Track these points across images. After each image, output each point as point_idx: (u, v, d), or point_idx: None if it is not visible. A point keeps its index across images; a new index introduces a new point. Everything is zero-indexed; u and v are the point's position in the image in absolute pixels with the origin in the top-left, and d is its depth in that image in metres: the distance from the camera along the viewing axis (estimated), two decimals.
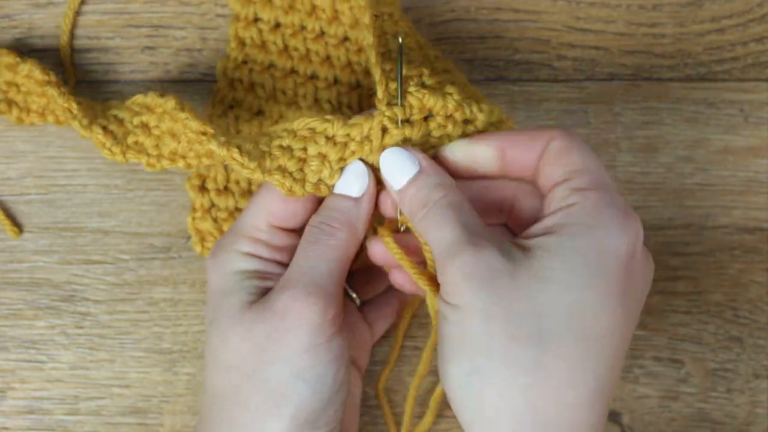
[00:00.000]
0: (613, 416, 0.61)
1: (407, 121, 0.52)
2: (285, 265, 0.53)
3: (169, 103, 0.53)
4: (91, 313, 0.61)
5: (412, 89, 0.52)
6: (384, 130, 0.52)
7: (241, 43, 0.60)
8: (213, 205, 0.59)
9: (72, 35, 0.61)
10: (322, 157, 0.52)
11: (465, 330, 0.47)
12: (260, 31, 0.60)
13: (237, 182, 0.59)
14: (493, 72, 0.62)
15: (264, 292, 0.52)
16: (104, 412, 0.61)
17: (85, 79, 0.61)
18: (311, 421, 0.50)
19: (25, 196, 0.61)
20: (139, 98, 0.55)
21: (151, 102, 0.54)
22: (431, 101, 0.52)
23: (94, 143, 0.54)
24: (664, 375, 0.62)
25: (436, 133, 0.52)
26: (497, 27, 0.62)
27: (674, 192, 0.62)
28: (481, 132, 0.53)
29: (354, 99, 0.59)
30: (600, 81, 0.62)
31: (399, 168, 0.51)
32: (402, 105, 0.52)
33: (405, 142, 0.52)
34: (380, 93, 0.52)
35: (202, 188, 0.59)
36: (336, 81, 0.60)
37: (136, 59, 0.61)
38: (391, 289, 0.58)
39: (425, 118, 0.52)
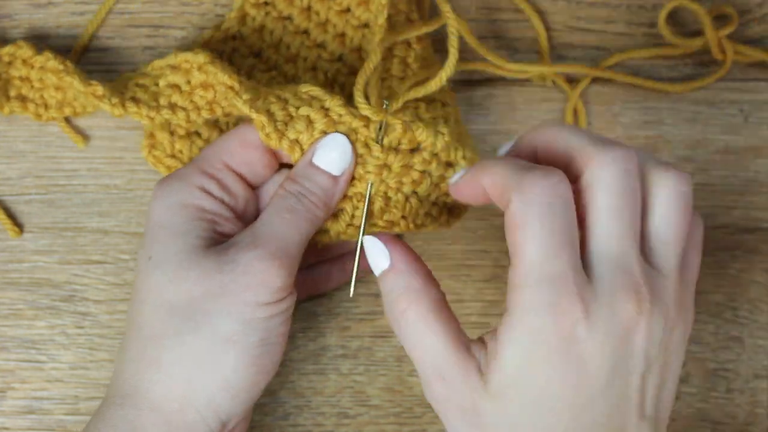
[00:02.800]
0: None
1: (395, 149, 0.53)
2: (234, 212, 0.54)
3: (172, 54, 0.55)
4: (91, 313, 0.61)
5: (408, 119, 0.53)
6: (367, 146, 0.53)
7: None
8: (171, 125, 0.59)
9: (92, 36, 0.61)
10: (310, 121, 0.53)
11: None
12: None
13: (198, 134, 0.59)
14: (493, 72, 0.62)
15: (214, 238, 0.52)
16: None
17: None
18: (253, 365, 0.51)
19: (25, 196, 0.61)
20: (156, 62, 0.56)
21: (156, 63, 0.55)
22: (423, 135, 0.53)
23: (133, 116, 0.55)
24: None
25: (418, 167, 0.53)
26: (497, 27, 0.62)
27: None
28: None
29: (350, 82, 0.59)
30: (600, 81, 0.62)
31: (374, 258, 0.51)
32: (381, 142, 0.53)
33: (383, 168, 0.53)
34: (374, 117, 0.53)
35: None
36: (340, 58, 0.60)
37: (136, 59, 0.61)
38: (310, 268, 0.59)
39: (412, 150, 0.53)
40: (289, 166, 0.55)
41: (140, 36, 0.61)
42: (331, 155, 0.53)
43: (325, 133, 0.53)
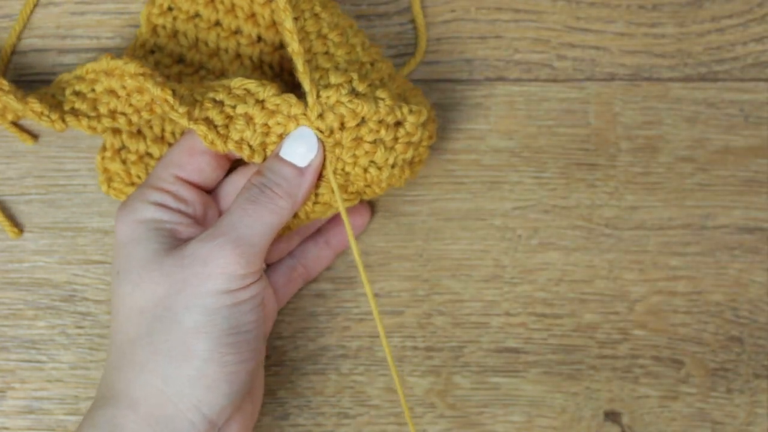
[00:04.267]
0: (613, 416, 0.61)
1: (341, 126, 0.54)
2: (193, 219, 0.54)
3: (104, 58, 0.54)
4: (92, 313, 0.61)
5: (344, 99, 0.53)
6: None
7: None
8: (123, 146, 0.59)
9: (19, 38, 0.61)
10: (249, 118, 0.54)
11: None
12: None
13: (150, 126, 0.58)
14: (493, 72, 0.62)
15: (176, 244, 0.53)
16: None
17: None
18: (228, 354, 0.52)
19: (25, 196, 0.61)
20: (89, 65, 0.55)
21: (89, 66, 0.55)
22: (364, 109, 0.53)
23: (75, 128, 0.54)
24: (664, 375, 0.62)
25: (368, 138, 0.54)
26: (497, 27, 0.62)
27: (674, 192, 0.62)
28: (409, 133, 0.55)
29: (276, 59, 0.59)
30: (600, 81, 0.62)
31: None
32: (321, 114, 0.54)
33: (335, 146, 0.54)
34: (310, 102, 0.53)
35: (115, 129, 0.58)
36: (260, 39, 0.59)
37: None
38: (294, 254, 0.60)
39: (358, 124, 0.54)
40: (246, 162, 0.56)
41: None
42: (296, 148, 0.54)
43: (266, 126, 0.54)
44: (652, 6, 0.62)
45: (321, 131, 0.54)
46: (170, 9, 0.59)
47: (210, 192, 0.57)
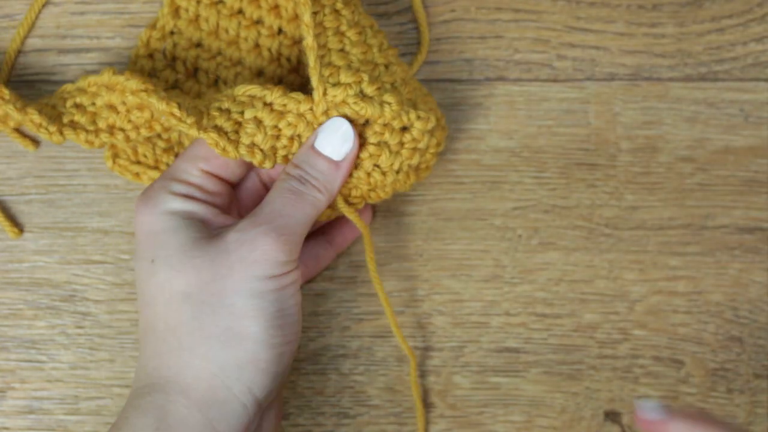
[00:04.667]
0: (613, 416, 0.61)
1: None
2: (222, 210, 0.54)
3: (106, 72, 0.55)
4: (91, 313, 0.61)
5: (350, 100, 0.53)
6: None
7: (176, 11, 0.60)
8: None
9: (23, 41, 0.61)
10: (258, 121, 0.54)
11: None
12: (198, 2, 0.59)
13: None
14: (493, 72, 0.62)
15: (211, 233, 0.53)
16: (104, 412, 0.61)
17: None
18: (276, 336, 0.52)
19: (25, 196, 0.61)
20: (91, 78, 0.55)
21: (92, 79, 0.55)
22: (368, 112, 0.53)
23: (73, 140, 0.55)
24: (664, 375, 0.62)
25: (372, 140, 0.54)
26: (497, 27, 0.62)
27: (674, 192, 0.62)
28: (415, 139, 0.55)
29: (294, 53, 0.60)
30: (600, 81, 0.62)
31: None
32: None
33: None
34: (317, 98, 0.54)
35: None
36: (280, 31, 0.59)
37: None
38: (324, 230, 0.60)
39: (363, 125, 0.54)
40: None
41: None
42: (332, 140, 0.54)
43: (276, 128, 0.54)
44: (652, 6, 0.62)
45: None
46: (172, 33, 0.60)
47: (234, 187, 0.57)
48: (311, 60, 0.54)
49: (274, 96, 0.54)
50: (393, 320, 0.58)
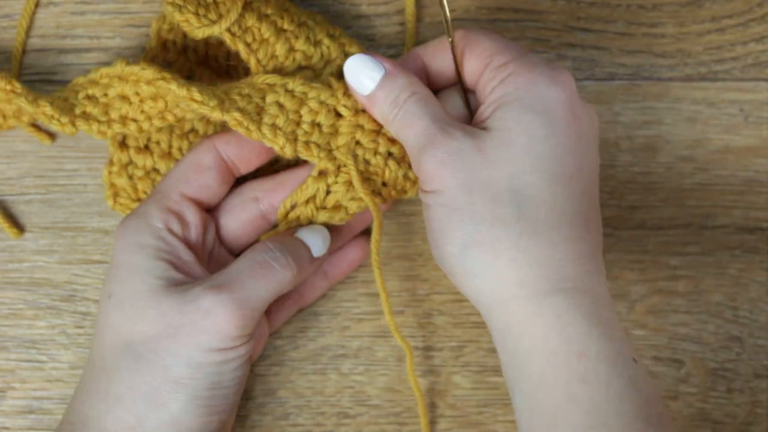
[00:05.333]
0: None
1: (364, 110, 0.55)
2: (194, 249, 0.54)
3: (119, 63, 0.55)
4: (91, 313, 0.61)
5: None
6: (338, 114, 0.55)
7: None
8: (131, 161, 0.59)
9: (27, 36, 0.61)
10: (280, 105, 0.54)
11: (450, 208, 0.50)
12: None
13: (158, 142, 0.59)
14: None
15: (174, 278, 0.53)
16: None
17: None
18: (203, 407, 0.52)
19: (25, 196, 0.61)
20: (104, 70, 0.55)
21: (104, 70, 0.55)
22: None
23: (85, 132, 0.55)
24: (664, 375, 0.62)
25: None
26: (497, 27, 0.62)
27: (674, 192, 0.62)
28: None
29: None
30: (600, 81, 0.62)
31: (366, 73, 0.54)
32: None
33: (356, 128, 0.55)
34: (335, 83, 0.55)
35: (123, 144, 0.59)
36: (273, 56, 0.59)
37: (136, 59, 0.61)
38: None
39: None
40: (245, 179, 0.57)
41: (140, 36, 0.61)
42: (314, 237, 0.55)
43: (297, 113, 0.54)
44: (652, 6, 0.62)
45: (348, 108, 0.55)
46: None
47: (211, 210, 0.57)
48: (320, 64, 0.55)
49: (295, 84, 0.54)
50: (388, 309, 0.57)
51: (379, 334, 0.61)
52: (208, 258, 0.56)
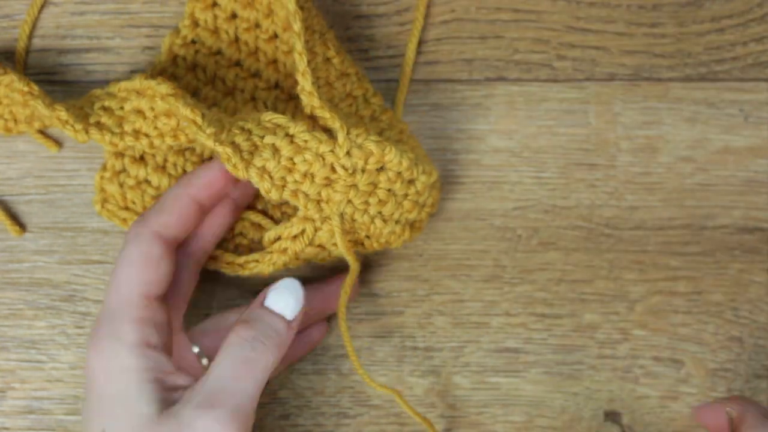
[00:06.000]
0: (613, 416, 0.61)
1: (362, 169, 0.54)
2: (168, 348, 0.53)
3: (137, 78, 0.55)
4: (91, 313, 0.61)
5: (373, 138, 0.54)
6: (334, 170, 0.54)
7: (195, 23, 0.59)
8: (124, 170, 0.59)
9: (30, 37, 0.61)
10: (275, 149, 0.53)
11: None
12: (215, 17, 0.59)
13: (153, 155, 0.59)
14: (493, 72, 0.62)
15: (165, 398, 0.51)
16: None
17: (84, 79, 0.61)
18: None
19: (25, 196, 0.61)
20: (123, 83, 0.56)
21: (122, 84, 0.55)
22: (391, 155, 0.54)
23: (97, 141, 0.55)
24: (664, 375, 0.62)
25: (383, 186, 0.54)
26: (497, 27, 0.62)
27: (674, 192, 0.62)
28: (418, 192, 0.56)
29: (290, 108, 0.59)
30: (600, 81, 0.62)
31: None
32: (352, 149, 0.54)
33: (350, 188, 0.54)
34: (341, 139, 0.53)
35: (118, 152, 0.59)
36: (277, 85, 0.59)
37: (136, 59, 0.61)
38: None
39: (377, 170, 0.54)
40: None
41: (140, 36, 0.61)
42: (285, 299, 0.53)
43: (291, 161, 0.53)
44: (652, 6, 0.62)
45: (345, 169, 0.54)
46: (193, 42, 0.59)
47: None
48: (328, 113, 0.54)
49: (298, 129, 0.53)
50: (354, 357, 0.57)
51: (379, 334, 0.61)
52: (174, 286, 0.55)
